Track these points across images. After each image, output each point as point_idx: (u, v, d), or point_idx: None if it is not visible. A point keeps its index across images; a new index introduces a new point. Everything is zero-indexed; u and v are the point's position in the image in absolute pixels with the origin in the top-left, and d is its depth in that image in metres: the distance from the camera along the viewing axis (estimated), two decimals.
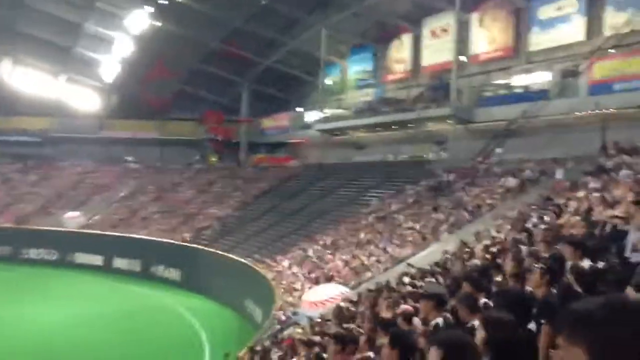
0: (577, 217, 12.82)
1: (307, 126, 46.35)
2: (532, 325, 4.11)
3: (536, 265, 5.53)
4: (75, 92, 51.08)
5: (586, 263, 6.48)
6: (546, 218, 15.90)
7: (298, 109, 49.93)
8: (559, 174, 21.79)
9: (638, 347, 1.23)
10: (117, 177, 50.37)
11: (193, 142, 54.51)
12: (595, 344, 1.27)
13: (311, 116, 46.45)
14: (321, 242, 28.19)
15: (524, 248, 11.71)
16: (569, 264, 6.35)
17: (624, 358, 1.24)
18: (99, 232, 40.65)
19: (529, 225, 16.21)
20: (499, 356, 3.33)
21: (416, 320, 6.97)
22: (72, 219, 42.36)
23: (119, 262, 38.53)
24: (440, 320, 5.52)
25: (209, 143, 54.61)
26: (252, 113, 53.13)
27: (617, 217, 9.33)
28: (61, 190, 48.87)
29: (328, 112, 42.83)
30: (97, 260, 39.44)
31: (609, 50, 26.05)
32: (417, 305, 8.14)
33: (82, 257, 40.01)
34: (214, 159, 54.13)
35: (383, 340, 5.99)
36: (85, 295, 30.98)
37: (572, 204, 16.01)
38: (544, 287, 5.15)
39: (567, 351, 1.32)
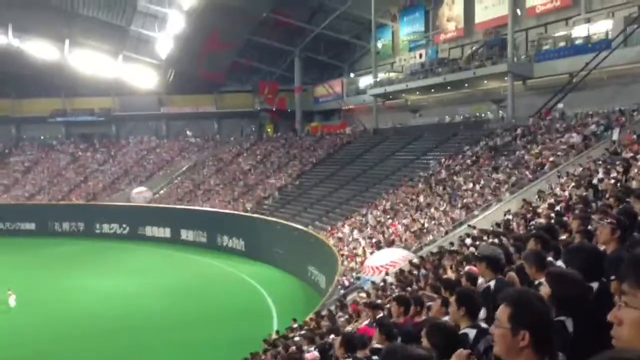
0: None
1: (361, 92, 46.04)
2: (594, 284, 4.06)
3: (606, 221, 5.45)
4: (133, 70, 52.34)
5: None
6: (613, 174, 15.44)
7: (351, 75, 49.59)
8: (615, 135, 20.86)
9: None
10: (178, 152, 51.77)
11: (249, 114, 55.26)
12: None
13: (364, 81, 46.09)
14: (381, 207, 28.23)
15: (592, 205, 11.45)
16: None
17: None
18: (165, 205, 42.04)
19: (594, 181, 15.79)
20: (564, 312, 3.28)
21: (481, 281, 6.99)
22: (140, 194, 43.95)
23: (186, 234, 39.86)
24: (492, 282, 5.50)
25: (264, 113, 55.17)
26: (305, 81, 53.15)
27: None
28: (127, 167, 50.67)
29: (381, 76, 42.34)
30: (166, 232, 40.91)
31: None
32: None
33: (151, 230, 41.58)
34: (270, 130, 54.69)
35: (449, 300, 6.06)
36: (156, 266, 32.31)
37: None
38: (615, 243, 5.04)
39: (633, 296, 1.33)
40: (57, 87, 52.41)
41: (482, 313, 4.52)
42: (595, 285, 3.90)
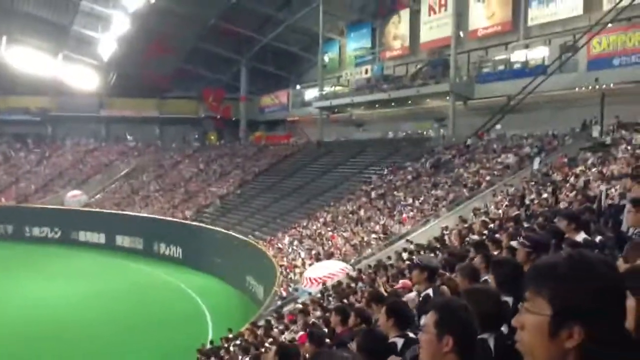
0: (574, 192, 12.99)
1: (306, 104, 46.27)
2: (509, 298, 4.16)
3: (522, 246, 5.60)
4: (73, 70, 50.78)
5: (581, 236, 6.61)
6: (544, 195, 16.08)
7: (297, 87, 49.79)
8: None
9: (596, 296, 1.31)
10: (117, 156, 50.45)
11: (193, 121, 54.54)
12: (556, 293, 1.34)
13: (310, 94, 46.35)
14: (321, 220, 28.36)
15: (524, 223, 11.88)
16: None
17: (584, 307, 1.31)
18: (101, 210, 40.84)
19: (527, 201, 16.40)
20: (486, 329, 3.36)
21: (413, 294, 7.12)
22: (74, 198, 42.53)
23: (122, 240, 38.82)
24: (430, 291, 5.63)
25: (208, 121, 54.58)
26: (251, 91, 53.00)
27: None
28: (62, 169, 48.99)
29: (327, 89, 42.70)
30: (100, 238, 39.72)
31: (608, 24, 25.95)
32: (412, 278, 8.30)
33: (85, 235, 40.28)
34: (213, 137, 54.13)
35: (378, 314, 6.14)
36: (89, 273, 31.27)
37: (571, 180, 16.17)
38: (530, 264, 5.22)
39: (532, 302, 1.39)
40: None
41: (423, 321, 4.61)
42: (510, 299, 4.03)
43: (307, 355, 5.99)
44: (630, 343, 1.36)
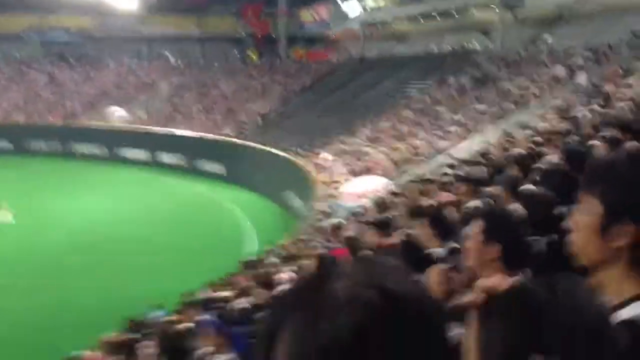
0: (626, 103, 12.37)
1: (348, 19, 45.04)
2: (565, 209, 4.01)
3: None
4: None
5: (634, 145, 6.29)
6: (594, 107, 15.42)
7: (337, 1, 48.28)
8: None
9: None
10: (159, 75, 50.63)
11: (233, 39, 53.91)
12: (610, 189, 1.28)
13: (351, 7, 44.96)
14: (362, 135, 28.17)
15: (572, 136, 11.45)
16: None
17: (636, 203, 1.24)
18: (145, 127, 41.50)
19: (576, 114, 15.77)
20: (538, 232, 3.32)
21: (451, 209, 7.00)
22: (116, 114, 43.23)
23: (165, 157, 39.58)
24: (475, 202, 5.50)
25: (248, 39, 53.91)
26: (290, 5, 51.68)
27: None
28: (105, 88, 49.59)
29: (368, 3, 41.27)
30: (144, 155, 40.58)
31: None
32: (457, 191, 8.15)
33: (129, 152, 41.19)
34: (254, 55, 53.58)
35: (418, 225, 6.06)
36: (133, 189, 32.16)
37: (624, 91, 15.44)
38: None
39: (584, 202, 1.34)
40: (32, 4, 50.23)
41: (469, 229, 4.56)
42: (565, 209, 3.89)
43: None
44: None
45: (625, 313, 1.18)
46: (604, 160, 1.41)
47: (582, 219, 1.34)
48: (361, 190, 19.87)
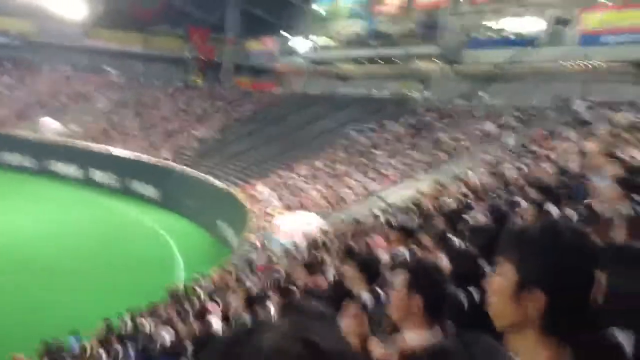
0: (550, 165, 13.16)
1: (294, 53, 45.65)
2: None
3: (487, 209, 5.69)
4: None
5: (553, 210, 6.74)
6: (521, 165, 16.26)
7: (285, 34, 48.93)
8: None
9: (562, 263, 1.33)
10: (98, 88, 49.32)
11: (177, 60, 53.40)
12: (525, 258, 1.38)
13: (298, 43, 45.65)
14: (298, 171, 28.39)
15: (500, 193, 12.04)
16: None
17: (547, 273, 1.34)
18: (78, 142, 40.17)
19: (504, 171, 16.57)
20: (459, 285, 3.47)
21: (382, 252, 7.24)
22: (49, 126, 41.68)
23: (97, 175, 38.38)
24: (404, 250, 5.72)
25: (192, 61, 53.57)
26: (238, 33, 51.90)
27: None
28: (39, 96, 47.78)
29: (316, 40, 42.08)
30: (75, 171, 39.21)
31: (602, 0, 25.79)
32: (387, 237, 8.43)
33: (60, 167, 39.69)
34: (197, 79, 53.23)
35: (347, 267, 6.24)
36: (61, 206, 30.93)
37: (548, 153, 16.36)
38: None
39: (500, 267, 1.44)
40: None
41: (395, 279, 4.72)
42: (488, 268, 4.13)
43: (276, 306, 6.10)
44: (592, 314, 1.39)
45: None
46: (519, 229, 1.48)
47: (498, 283, 1.43)
48: (294, 226, 19.96)
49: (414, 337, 2.38)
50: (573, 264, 1.34)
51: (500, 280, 1.43)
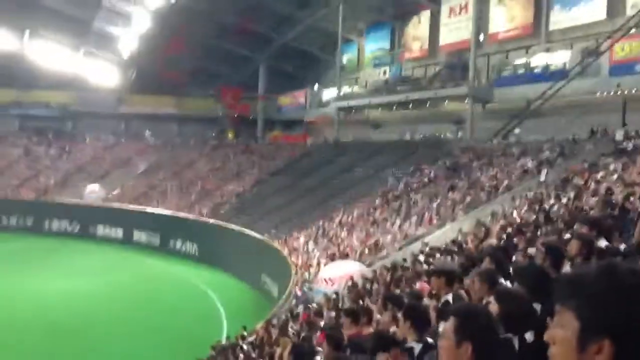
0: (595, 198, 12.84)
1: (324, 104, 46.34)
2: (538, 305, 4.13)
3: (540, 247, 5.57)
4: (93, 66, 51.28)
5: (602, 243, 6.54)
6: (563, 200, 15.93)
7: (315, 87, 49.82)
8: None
9: (625, 306, 1.27)
10: (136, 152, 50.84)
11: (210, 119, 54.72)
12: (583, 304, 1.31)
13: (328, 94, 46.41)
14: (337, 220, 28.36)
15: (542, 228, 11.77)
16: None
17: (611, 319, 1.27)
18: (119, 205, 41.19)
19: (545, 206, 16.25)
20: (511, 330, 3.37)
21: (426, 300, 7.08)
22: (93, 193, 42.93)
23: (139, 235, 39.14)
24: (450, 296, 5.59)
25: (225, 119, 54.78)
26: (268, 90, 53.11)
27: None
28: (81, 164, 49.47)
29: (344, 90, 42.70)
30: (118, 233, 40.08)
31: (631, 29, 25.63)
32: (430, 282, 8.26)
33: (103, 230, 40.66)
34: (231, 135, 54.31)
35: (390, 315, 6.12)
36: (106, 268, 31.48)
37: (591, 185, 16.00)
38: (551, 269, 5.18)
39: (560, 316, 1.37)
40: (13, 78, 50.75)
41: (442, 327, 4.61)
42: (538, 306, 4.02)
43: (323, 357, 6.01)
44: None
45: None
46: (575, 275, 1.41)
47: (559, 333, 1.35)
48: (336, 275, 19.81)
49: None
50: (636, 305, 1.27)
51: (561, 331, 1.36)
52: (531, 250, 8.06)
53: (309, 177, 37.82)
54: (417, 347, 4.24)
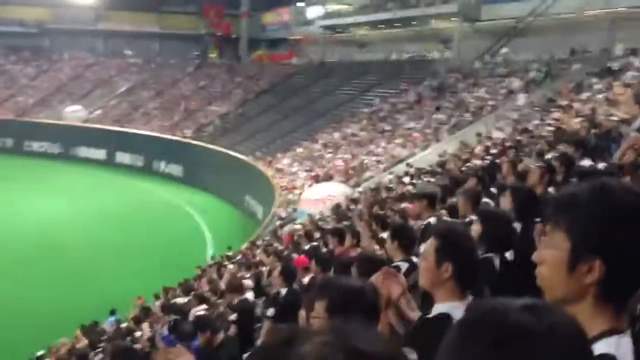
0: (580, 119, 12.80)
1: (309, 22, 45.15)
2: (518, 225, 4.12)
3: (536, 164, 5.54)
4: None
5: (586, 162, 6.53)
6: (548, 120, 15.90)
7: (299, 4, 48.30)
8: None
9: (618, 226, 1.22)
10: (117, 71, 49.61)
11: (193, 37, 53.22)
12: (576, 224, 1.27)
13: (313, 12, 45.10)
14: (322, 141, 28.26)
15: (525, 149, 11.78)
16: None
17: (603, 239, 1.23)
18: (101, 126, 40.62)
19: (530, 126, 16.23)
20: (492, 249, 3.38)
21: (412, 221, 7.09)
22: (74, 113, 42.16)
23: (122, 157, 38.88)
24: (432, 219, 5.58)
25: (209, 38, 53.34)
26: (252, 7, 51.44)
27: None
28: (60, 83, 48.26)
29: (330, 7, 41.48)
30: (100, 154, 39.76)
31: None
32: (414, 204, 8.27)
33: (85, 151, 40.28)
34: (214, 55, 53.04)
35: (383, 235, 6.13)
36: (88, 190, 31.38)
37: (576, 106, 15.95)
38: (542, 186, 5.16)
39: (551, 236, 1.33)
40: None
41: (423, 248, 4.60)
42: (518, 226, 4.00)
43: (313, 276, 6.05)
44: None
45: (596, 349, 1.18)
46: (567, 193, 1.35)
47: (549, 254, 1.33)
48: (320, 196, 19.93)
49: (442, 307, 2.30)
50: (629, 225, 1.23)
51: (551, 251, 1.32)
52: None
53: (294, 98, 37.37)
54: (404, 267, 4.25)
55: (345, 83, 35.90)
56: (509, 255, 3.45)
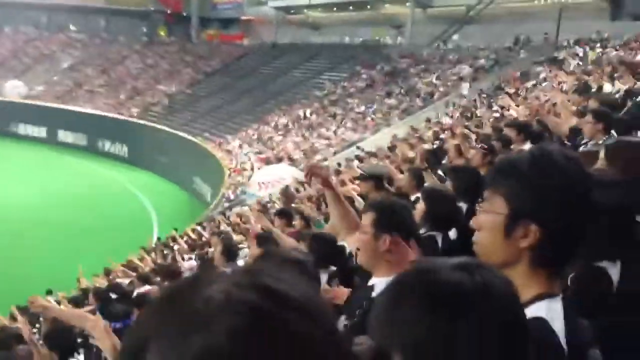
0: (524, 107, 13.02)
1: (262, 2, 44.58)
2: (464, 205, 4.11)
3: (478, 146, 5.56)
4: None
5: (528, 146, 6.60)
6: (495, 106, 16.16)
7: None
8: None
9: (553, 193, 1.24)
10: (60, 47, 47.76)
11: (141, 13, 51.67)
12: (514, 189, 1.28)
13: None
14: (272, 123, 28.02)
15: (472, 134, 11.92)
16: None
17: (539, 204, 1.24)
18: (43, 103, 39.11)
19: (478, 113, 16.48)
20: (436, 227, 3.37)
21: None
22: (14, 89, 40.44)
23: (64, 135, 37.58)
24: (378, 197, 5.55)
25: (158, 15, 51.93)
26: None
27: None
28: (1, 58, 46.18)
29: None
30: (41, 132, 38.33)
31: None
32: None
33: (24, 129, 38.77)
34: (163, 33, 51.70)
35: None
36: (30, 168, 30.19)
37: (522, 93, 16.25)
38: (485, 167, 5.21)
39: (490, 202, 1.32)
40: None
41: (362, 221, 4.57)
42: (465, 206, 3.99)
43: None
44: (588, 244, 1.31)
45: (528, 312, 1.17)
46: (508, 160, 1.36)
47: (487, 218, 1.33)
48: (269, 179, 19.76)
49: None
50: (567, 191, 1.23)
51: (489, 215, 1.32)
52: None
53: (245, 79, 36.89)
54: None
55: (297, 65, 35.66)
56: (452, 234, 3.44)
